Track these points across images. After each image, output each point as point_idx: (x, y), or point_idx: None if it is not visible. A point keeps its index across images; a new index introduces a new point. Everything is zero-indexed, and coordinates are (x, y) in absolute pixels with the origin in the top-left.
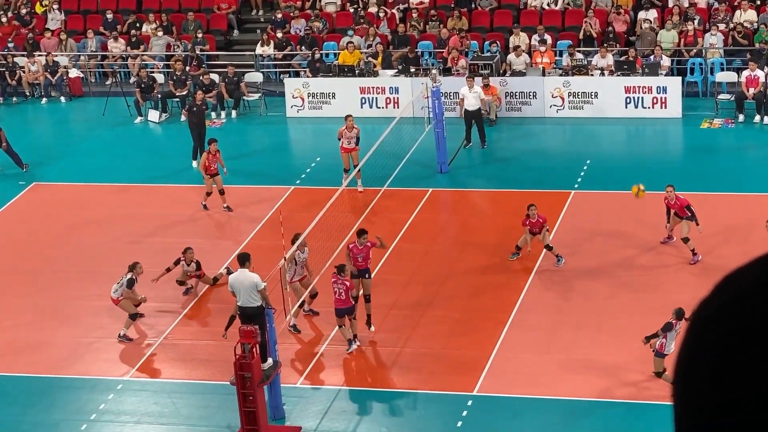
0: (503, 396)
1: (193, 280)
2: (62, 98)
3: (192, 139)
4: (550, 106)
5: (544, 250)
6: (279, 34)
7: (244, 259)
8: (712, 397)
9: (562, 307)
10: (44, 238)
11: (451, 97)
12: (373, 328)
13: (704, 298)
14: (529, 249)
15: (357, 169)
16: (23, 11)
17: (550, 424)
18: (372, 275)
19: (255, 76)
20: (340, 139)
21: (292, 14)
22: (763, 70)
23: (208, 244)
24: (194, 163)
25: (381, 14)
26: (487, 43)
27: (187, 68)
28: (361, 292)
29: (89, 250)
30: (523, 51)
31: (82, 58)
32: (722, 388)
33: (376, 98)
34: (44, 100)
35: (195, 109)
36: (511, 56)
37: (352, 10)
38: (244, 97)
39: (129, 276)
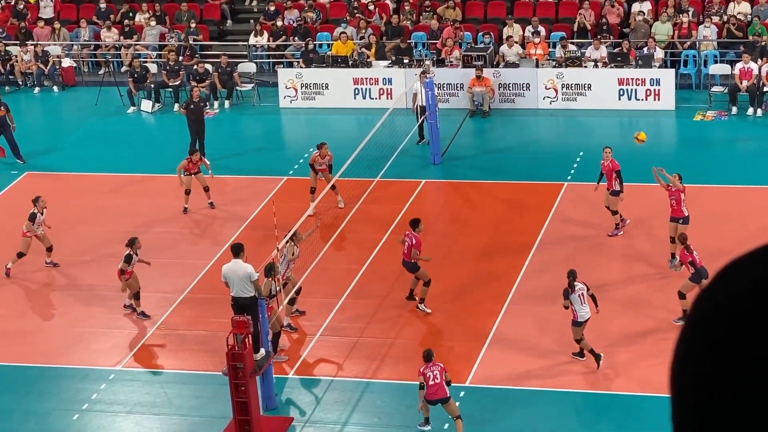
0: (495, 387)
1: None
2: (55, 88)
3: (189, 135)
4: (544, 98)
5: (537, 239)
6: (279, 23)
7: (237, 250)
8: (713, 393)
9: (554, 298)
10: None
11: (445, 89)
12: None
13: (702, 292)
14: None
15: (330, 184)
16: (20, 6)
17: (542, 415)
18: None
19: (248, 67)
20: (311, 165)
21: (285, 5)
22: (756, 62)
23: (200, 235)
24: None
25: (371, 7)
26: (480, 34)
27: (180, 58)
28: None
29: (82, 239)
30: (516, 42)
31: (74, 47)
32: (722, 385)
33: (370, 89)
34: (37, 89)
35: (192, 106)
36: (504, 47)
37: (345, 2)
38: (237, 88)
39: (127, 252)
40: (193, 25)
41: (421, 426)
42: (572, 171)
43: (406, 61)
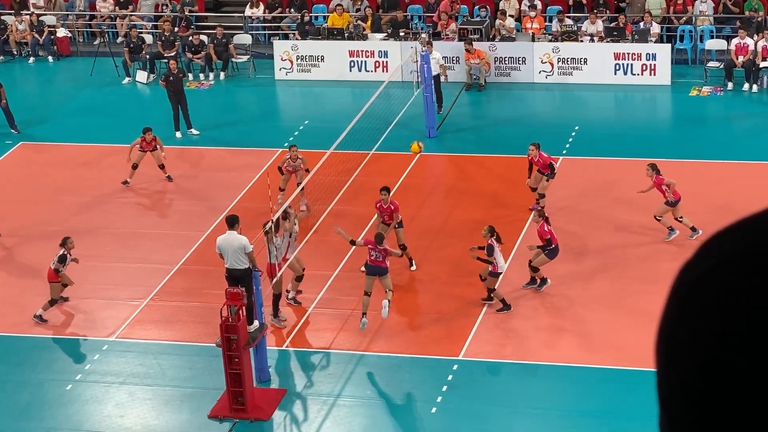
0: (489, 361)
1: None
2: (50, 58)
3: (171, 109)
4: (539, 72)
5: (531, 216)
6: None
7: (232, 221)
8: (698, 365)
9: (549, 272)
10: (31, 197)
11: (441, 62)
12: (414, 267)
13: (685, 264)
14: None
15: (300, 187)
16: None
17: (535, 389)
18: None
19: (244, 38)
20: (280, 168)
21: None
22: (752, 38)
23: (195, 206)
24: (177, 134)
25: None
26: (476, 7)
27: (176, 29)
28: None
29: (76, 209)
30: (511, 15)
31: (70, 17)
32: (708, 357)
33: (365, 62)
34: (32, 59)
35: (171, 78)
36: (498, 21)
37: None
38: (233, 59)
39: (61, 252)
40: None
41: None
42: (567, 145)
43: (402, 33)
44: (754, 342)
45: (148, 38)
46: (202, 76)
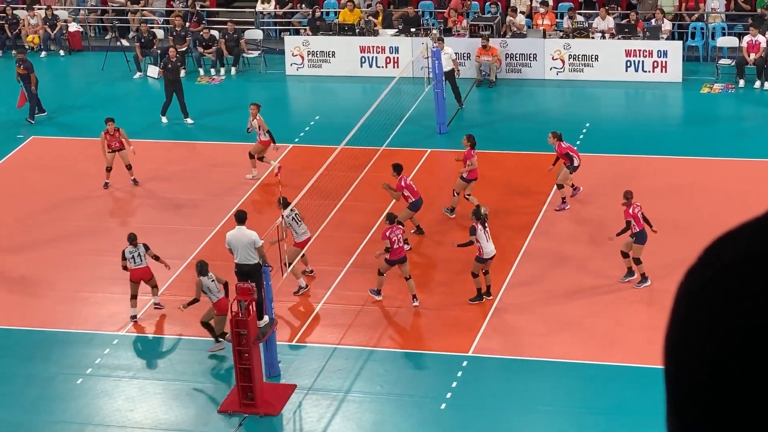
0: (498, 357)
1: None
2: (61, 52)
3: (165, 96)
4: (551, 69)
5: (543, 209)
6: None
7: (242, 217)
8: (708, 369)
9: (558, 269)
10: (42, 192)
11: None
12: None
13: (691, 267)
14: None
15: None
16: None
17: (544, 385)
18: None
19: (255, 34)
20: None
21: None
22: (764, 35)
23: (205, 201)
24: (163, 119)
25: None
26: (488, 3)
27: (187, 24)
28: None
29: (87, 204)
30: (522, 12)
31: (81, 12)
32: (717, 360)
33: (376, 57)
34: (43, 53)
35: (170, 66)
36: (508, 18)
37: None
38: (244, 55)
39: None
40: None
41: (375, 295)
42: (578, 142)
43: (413, 29)
44: (759, 346)
45: (160, 33)
46: (213, 71)
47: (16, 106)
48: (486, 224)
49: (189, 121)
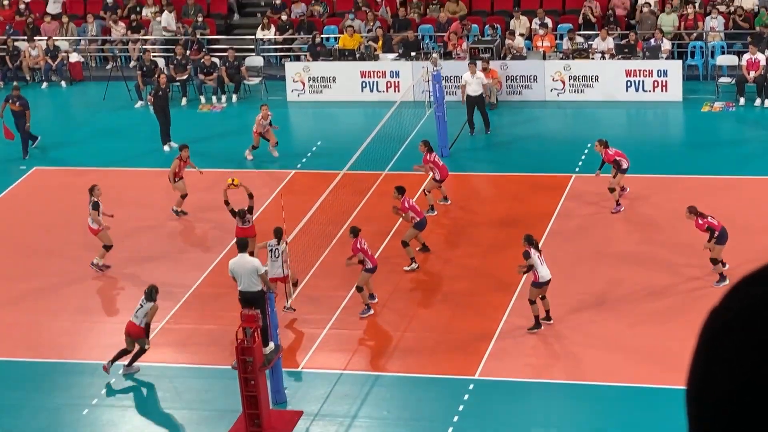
0: (505, 380)
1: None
2: (63, 83)
3: (158, 123)
4: (551, 90)
5: (547, 229)
6: (284, 17)
7: (244, 244)
8: (728, 410)
9: (563, 289)
10: (45, 223)
11: (452, 81)
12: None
13: (715, 307)
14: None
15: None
16: (22, 5)
17: (551, 407)
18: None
19: (255, 60)
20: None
21: None
22: (763, 53)
23: (208, 228)
24: (165, 147)
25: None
26: (487, 26)
27: (188, 52)
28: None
29: (88, 234)
30: (521, 34)
31: (82, 42)
32: (737, 402)
33: (377, 82)
34: (45, 84)
35: (160, 93)
36: (508, 41)
37: None
38: (245, 81)
39: (92, 200)
40: (200, 19)
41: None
42: (580, 163)
43: (413, 54)
44: None
45: (161, 62)
46: (214, 98)
47: (4, 137)
48: (539, 248)
49: (173, 144)
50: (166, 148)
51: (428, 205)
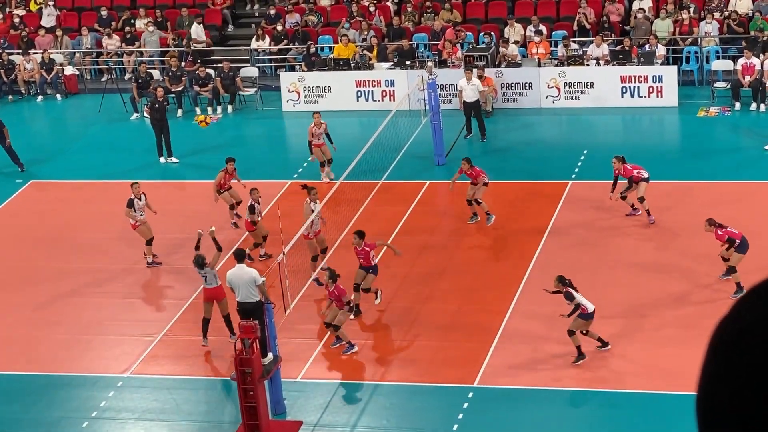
0: (504, 387)
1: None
2: (58, 96)
3: (154, 136)
4: (546, 97)
5: (543, 238)
6: (280, 27)
7: (241, 255)
8: (739, 421)
9: (561, 297)
10: (42, 236)
11: (447, 89)
12: (351, 316)
13: (724, 318)
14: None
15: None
16: (16, 18)
17: (551, 415)
18: (377, 272)
19: (250, 71)
20: (310, 140)
21: (286, 8)
22: (758, 57)
23: (205, 239)
24: (161, 159)
25: (372, 8)
26: (481, 34)
27: (183, 64)
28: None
29: (87, 247)
30: (516, 42)
31: (77, 55)
32: (749, 413)
33: (372, 91)
34: (40, 97)
35: (156, 105)
36: (502, 48)
37: (346, 4)
38: (240, 92)
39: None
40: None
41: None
42: (576, 169)
43: (408, 62)
44: None
45: (156, 74)
46: (209, 109)
47: None
48: (573, 284)
49: (174, 160)
50: (162, 160)
51: (484, 212)
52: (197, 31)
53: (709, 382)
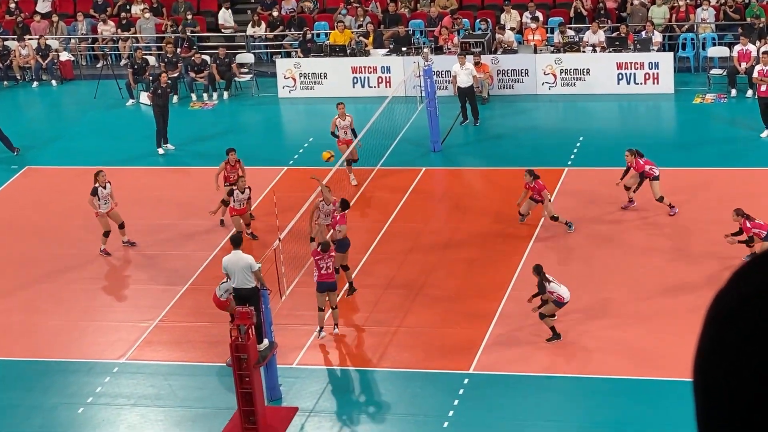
0: (499, 374)
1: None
2: (53, 82)
3: (156, 123)
4: (543, 84)
5: (539, 224)
6: (274, 13)
7: (238, 241)
8: (737, 392)
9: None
10: (37, 222)
11: (443, 76)
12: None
13: (720, 291)
14: (528, 213)
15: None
16: (12, 4)
17: (546, 401)
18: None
19: (246, 57)
20: (334, 132)
21: None
22: (754, 44)
23: (202, 225)
24: (159, 150)
25: None
26: (478, 20)
27: (178, 50)
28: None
29: (82, 233)
30: (512, 28)
31: (72, 41)
32: (745, 386)
33: (368, 78)
34: (35, 83)
35: (159, 91)
36: (498, 35)
37: None
38: (236, 78)
39: (94, 186)
40: (190, 17)
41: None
42: (572, 156)
43: (404, 49)
44: None
45: (151, 60)
46: (205, 95)
47: None
48: (546, 274)
49: (170, 147)
50: (160, 150)
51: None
52: (224, 16)
53: (705, 357)
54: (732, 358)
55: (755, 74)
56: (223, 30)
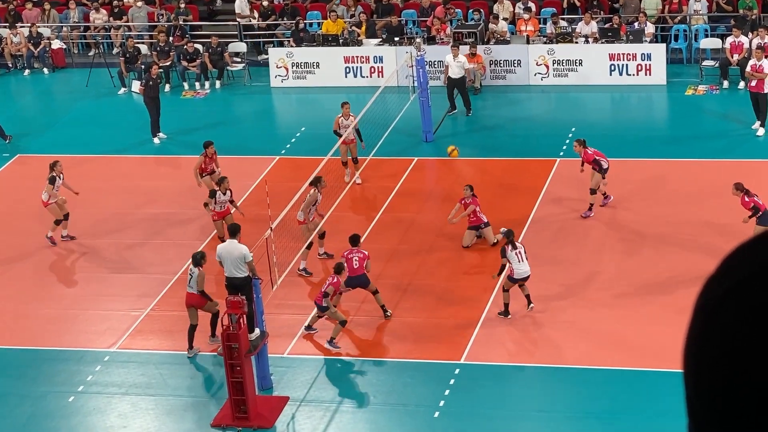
0: (490, 364)
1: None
2: (45, 70)
3: (149, 115)
4: (535, 74)
5: (530, 215)
6: (266, 2)
7: (235, 230)
8: (727, 380)
9: (548, 274)
10: (29, 210)
11: (436, 66)
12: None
13: (710, 277)
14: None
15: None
16: None
17: (538, 390)
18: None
19: (239, 46)
20: (337, 131)
21: None
22: (747, 36)
23: (194, 215)
24: (155, 139)
25: None
26: (470, 11)
27: (171, 39)
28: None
29: (73, 221)
30: (505, 18)
31: (64, 29)
32: (737, 372)
33: (361, 67)
34: (27, 71)
35: (150, 82)
36: (491, 25)
37: None
38: (228, 68)
39: (50, 174)
40: (182, 5)
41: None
42: (564, 147)
43: (396, 39)
44: None
45: (144, 48)
46: (197, 84)
47: None
48: (516, 245)
49: (162, 135)
50: (156, 140)
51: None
52: (241, 5)
53: (695, 346)
54: (721, 346)
55: (748, 68)
56: (239, 19)
